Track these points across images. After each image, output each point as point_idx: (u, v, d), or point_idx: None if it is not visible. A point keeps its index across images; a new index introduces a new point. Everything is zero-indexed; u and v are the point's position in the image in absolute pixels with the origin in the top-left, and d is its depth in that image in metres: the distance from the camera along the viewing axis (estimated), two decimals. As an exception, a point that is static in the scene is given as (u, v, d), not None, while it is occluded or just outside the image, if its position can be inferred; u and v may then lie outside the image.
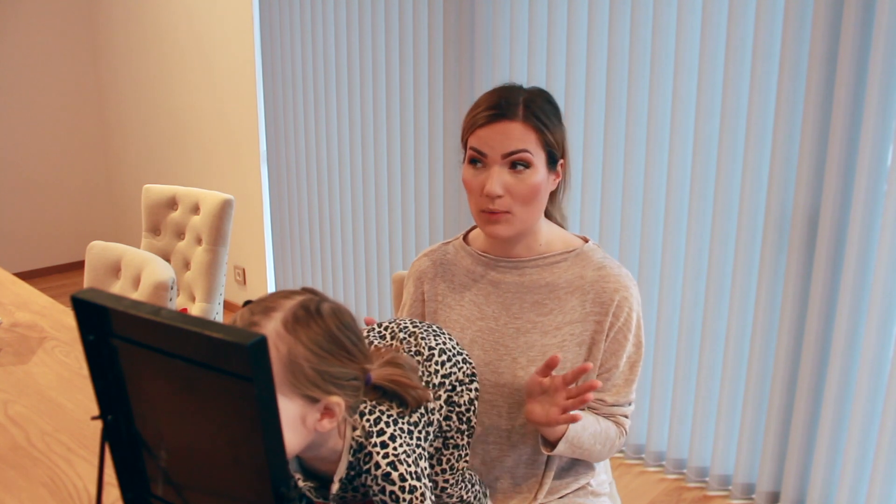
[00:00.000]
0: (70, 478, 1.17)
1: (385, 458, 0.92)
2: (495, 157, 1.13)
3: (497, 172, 1.13)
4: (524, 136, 1.12)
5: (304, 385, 0.84)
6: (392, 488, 0.92)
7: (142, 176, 4.47)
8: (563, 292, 1.21)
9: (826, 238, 2.00)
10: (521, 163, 1.13)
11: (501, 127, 1.12)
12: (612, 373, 1.21)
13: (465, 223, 2.80)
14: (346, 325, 0.89)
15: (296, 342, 0.84)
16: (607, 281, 1.19)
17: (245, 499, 0.74)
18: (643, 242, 2.37)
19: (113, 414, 0.79)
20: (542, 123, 1.14)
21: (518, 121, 1.12)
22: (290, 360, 0.84)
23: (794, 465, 2.17)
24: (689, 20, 2.14)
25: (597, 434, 1.20)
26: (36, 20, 4.31)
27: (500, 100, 1.14)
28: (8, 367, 1.56)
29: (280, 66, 3.42)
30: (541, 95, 1.16)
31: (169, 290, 1.82)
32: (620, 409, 1.24)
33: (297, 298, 0.88)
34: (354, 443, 0.93)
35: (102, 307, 0.72)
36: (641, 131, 2.30)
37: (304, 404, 0.85)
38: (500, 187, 1.12)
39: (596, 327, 1.19)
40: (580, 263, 1.22)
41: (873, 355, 1.96)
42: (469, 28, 2.64)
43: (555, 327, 1.20)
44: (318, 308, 0.88)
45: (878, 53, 1.82)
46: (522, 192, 1.13)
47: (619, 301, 1.19)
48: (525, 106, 1.13)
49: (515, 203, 1.14)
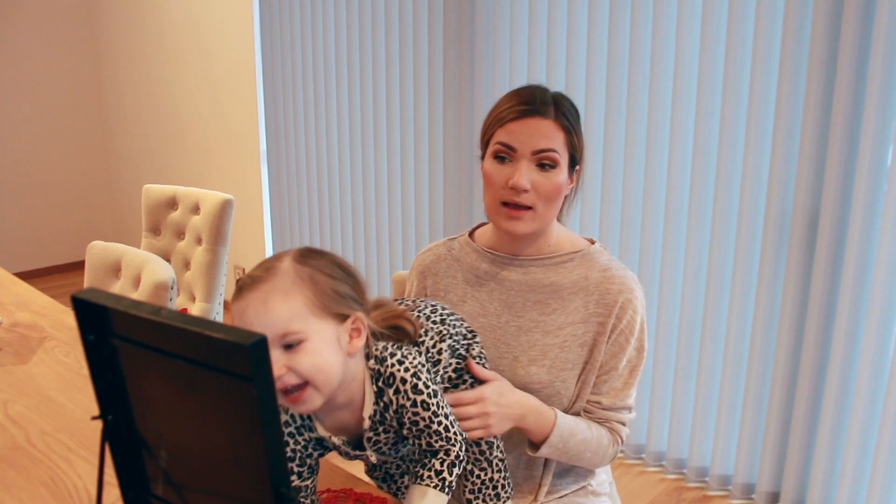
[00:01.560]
0: (70, 478, 1.17)
1: (407, 371, 0.97)
2: (525, 153, 1.13)
3: (525, 167, 1.13)
4: (554, 135, 1.13)
5: (331, 304, 0.92)
6: (421, 397, 0.97)
7: (142, 176, 4.47)
8: (567, 293, 1.20)
9: (826, 238, 2.00)
10: (548, 162, 1.13)
11: (534, 123, 1.12)
12: (611, 375, 1.20)
13: (466, 223, 2.80)
14: (342, 259, 0.98)
15: (313, 270, 0.92)
16: (612, 282, 1.19)
17: (245, 499, 0.74)
18: (643, 242, 2.37)
19: (113, 414, 0.80)
20: (570, 124, 1.15)
21: (550, 118, 1.13)
22: (313, 284, 0.91)
23: (794, 465, 2.17)
24: (689, 20, 2.14)
25: (587, 441, 1.18)
26: (36, 20, 4.31)
27: (533, 96, 1.14)
28: (8, 367, 1.56)
29: (280, 66, 3.42)
30: (566, 98, 1.17)
31: (169, 290, 1.82)
32: (617, 414, 1.22)
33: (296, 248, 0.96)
34: (372, 372, 0.98)
35: (102, 307, 0.73)
36: (641, 131, 2.30)
37: (335, 324, 0.92)
38: (528, 181, 1.12)
39: (598, 328, 1.19)
40: (585, 264, 1.21)
41: (873, 355, 1.96)
42: (469, 28, 2.64)
43: (557, 327, 1.20)
44: (318, 249, 0.97)
45: (878, 53, 1.82)
46: (547, 189, 1.13)
47: (623, 303, 1.18)
48: (555, 105, 1.14)
49: (539, 200, 1.14)
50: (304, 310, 0.89)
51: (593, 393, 1.21)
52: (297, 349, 0.89)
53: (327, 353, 0.90)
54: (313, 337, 0.89)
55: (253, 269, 0.93)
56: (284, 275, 0.90)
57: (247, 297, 0.90)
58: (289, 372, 0.88)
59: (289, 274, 0.90)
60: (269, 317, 0.88)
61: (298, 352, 0.89)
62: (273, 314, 0.88)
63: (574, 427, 1.17)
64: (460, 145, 2.77)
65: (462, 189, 2.80)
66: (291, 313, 0.88)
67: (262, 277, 0.90)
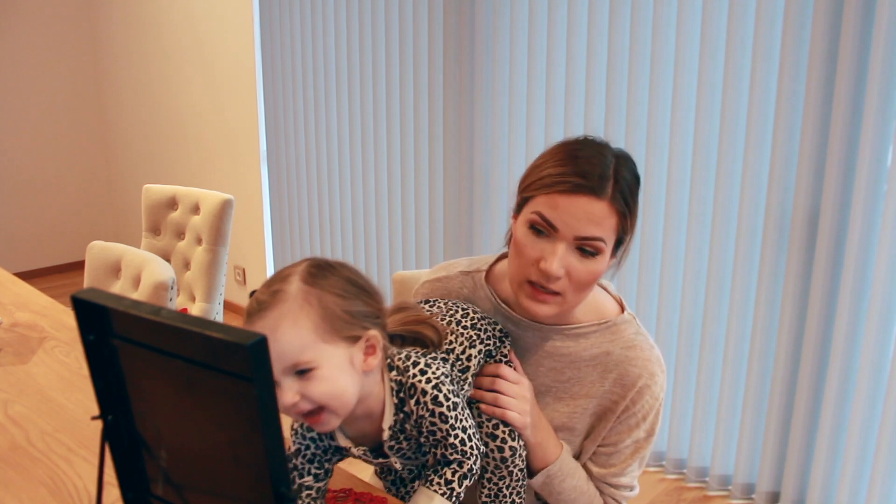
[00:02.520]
0: (70, 478, 1.17)
1: (428, 382, 0.95)
2: (566, 235, 0.98)
3: (563, 251, 0.99)
4: (605, 222, 0.98)
5: (342, 327, 0.89)
6: (441, 410, 0.95)
7: (142, 176, 4.47)
8: (585, 365, 1.12)
9: (826, 238, 2.00)
10: (591, 250, 0.99)
11: (585, 203, 0.97)
12: (609, 449, 1.13)
13: (465, 223, 2.80)
14: (354, 270, 0.95)
15: (322, 292, 0.89)
16: (633, 364, 1.09)
17: (245, 499, 0.74)
18: (643, 242, 2.36)
19: (113, 414, 0.79)
20: (627, 206, 1.00)
21: (605, 200, 0.97)
22: (322, 308, 0.88)
23: (794, 465, 2.17)
24: (689, 20, 2.14)
25: (580, 490, 1.13)
26: (36, 20, 4.31)
27: (590, 167, 0.98)
28: (8, 367, 1.56)
29: (280, 66, 3.42)
30: (628, 166, 1.03)
31: (169, 290, 1.82)
32: (611, 489, 1.15)
33: (304, 263, 0.93)
34: (394, 384, 0.97)
35: (102, 307, 0.72)
36: (641, 131, 2.30)
37: (347, 346, 0.90)
38: (561, 269, 0.99)
39: (610, 405, 1.11)
40: (609, 338, 1.11)
41: (873, 355, 1.96)
42: (469, 28, 2.64)
43: (570, 396, 1.13)
44: (327, 263, 0.94)
45: (878, 53, 1.82)
46: (582, 278, 1.00)
47: (641, 388, 1.09)
48: (615, 180, 0.98)
49: (570, 287, 1.01)
50: (313, 337, 0.88)
51: (589, 460, 1.16)
52: (309, 376, 0.87)
53: (340, 379, 0.89)
54: (325, 364, 0.88)
55: (261, 291, 0.91)
56: (293, 301, 0.88)
57: (256, 325, 0.88)
58: (303, 399, 0.88)
59: (297, 299, 0.88)
60: (280, 347, 0.86)
61: (311, 379, 0.88)
62: (283, 345, 0.86)
63: (575, 470, 1.13)
64: (460, 145, 2.77)
65: (462, 188, 2.80)
66: (302, 343, 0.87)
67: (270, 304, 0.88)
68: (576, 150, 1.01)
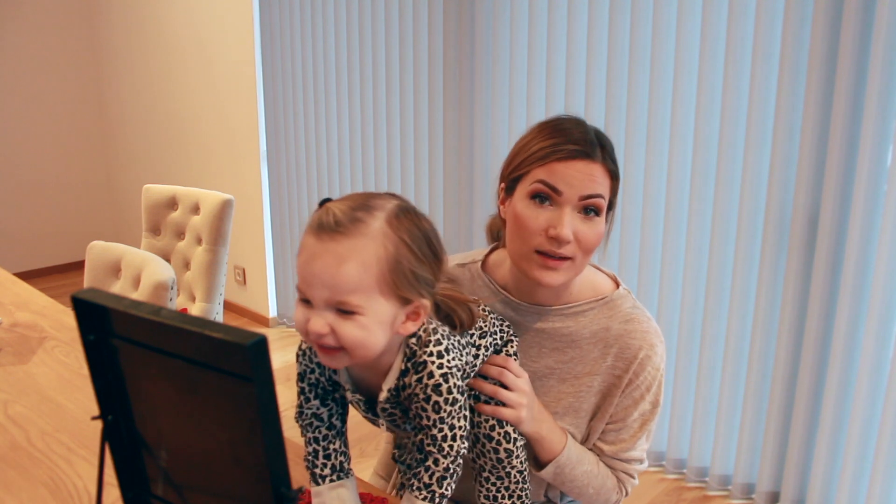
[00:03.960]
0: (70, 478, 1.17)
1: (440, 368, 0.92)
2: (571, 197, 1.02)
3: (570, 215, 1.02)
4: (603, 181, 1.03)
5: (402, 286, 0.86)
6: (438, 399, 0.92)
7: (142, 176, 4.47)
8: (586, 342, 1.14)
9: (826, 238, 2.00)
10: (594, 209, 1.03)
11: (584, 166, 1.01)
12: (618, 426, 1.16)
13: (465, 223, 2.80)
14: (435, 229, 0.92)
15: (401, 242, 0.86)
16: (633, 337, 1.12)
17: (245, 499, 0.74)
18: (643, 242, 2.37)
19: (113, 414, 0.80)
20: (616, 169, 1.06)
21: (599, 162, 1.03)
22: (395, 260, 0.85)
23: (794, 465, 2.17)
24: (689, 20, 2.14)
25: (592, 475, 1.15)
26: (36, 20, 4.31)
27: (580, 135, 1.03)
28: (8, 367, 1.56)
29: (280, 66, 3.42)
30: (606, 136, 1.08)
31: (169, 290, 1.82)
32: (622, 464, 1.17)
33: (393, 200, 0.90)
34: (409, 350, 0.94)
35: (102, 307, 0.73)
36: (641, 131, 2.30)
37: (397, 305, 0.87)
38: (571, 231, 1.02)
39: (614, 380, 1.13)
40: (607, 313, 1.14)
41: (873, 355, 1.96)
42: (469, 28, 2.64)
43: (573, 376, 1.14)
44: (415, 210, 0.91)
45: (878, 53, 1.82)
46: (590, 239, 1.03)
47: (643, 359, 1.12)
48: (601, 145, 1.04)
49: (579, 251, 1.04)
50: (373, 286, 0.84)
51: (599, 439, 1.17)
52: (348, 317, 0.85)
53: (375, 331, 0.86)
54: (369, 313, 0.85)
55: (341, 208, 0.85)
56: (371, 238, 0.84)
57: (325, 244, 0.83)
58: (331, 334, 0.85)
59: (376, 239, 0.84)
60: (338, 279, 0.83)
61: (349, 320, 0.85)
62: (342, 279, 0.83)
63: (583, 456, 1.14)
64: (460, 144, 2.77)
65: (462, 188, 2.80)
66: (361, 285, 0.84)
67: (349, 231, 0.83)
68: (559, 124, 1.06)
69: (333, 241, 0.83)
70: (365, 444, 2.60)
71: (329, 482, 1.01)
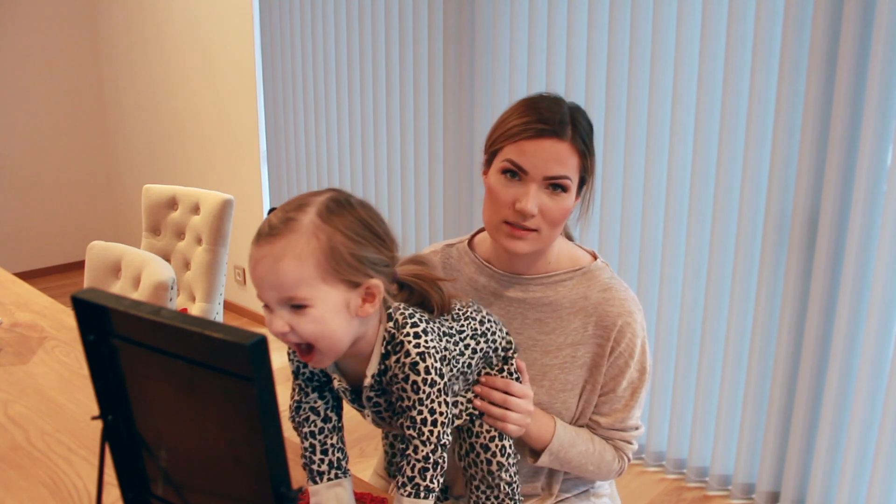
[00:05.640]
0: (70, 478, 1.17)
1: (416, 347, 0.94)
2: (536, 176, 1.08)
3: (535, 191, 1.08)
4: (569, 160, 1.08)
5: (344, 270, 0.89)
6: (416, 378, 0.93)
7: (142, 176, 4.47)
8: (566, 312, 1.18)
9: (826, 238, 2.00)
10: (560, 186, 1.09)
11: (550, 145, 1.07)
12: (610, 397, 1.19)
13: (465, 222, 2.80)
14: (373, 214, 0.94)
15: (333, 230, 0.89)
16: (611, 305, 1.16)
17: (245, 499, 0.74)
18: (643, 242, 2.37)
19: (113, 414, 0.80)
20: (586, 147, 1.10)
21: (566, 141, 1.07)
22: (329, 248, 0.88)
23: (794, 465, 2.17)
24: (689, 20, 2.14)
25: (588, 453, 1.18)
26: (36, 20, 4.31)
27: (550, 114, 1.08)
28: (8, 367, 1.56)
29: (280, 66, 3.42)
30: (581, 113, 1.12)
31: (169, 290, 1.82)
32: (619, 433, 1.21)
33: (326, 194, 0.93)
34: (387, 334, 0.96)
35: (102, 307, 0.73)
36: (641, 131, 2.30)
37: (346, 290, 0.90)
38: (536, 207, 1.08)
39: (597, 350, 1.17)
40: (585, 283, 1.18)
41: (873, 355, 1.96)
42: (469, 28, 2.64)
43: (556, 347, 1.18)
44: (348, 200, 0.93)
45: (878, 53, 1.82)
46: (555, 214, 1.09)
47: (622, 326, 1.15)
48: (573, 124, 1.09)
49: (544, 223, 1.10)
50: (314, 276, 0.87)
51: (594, 413, 1.20)
52: (301, 312, 0.88)
53: (332, 321, 0.89)
54: (319, 305, 0.88)
55: (276, 214, 0.90)
56: (302, 235, 0.87)
57: (262, 248, 0.88)
58: (292, 331, 0.88)
59: (307, 233, 0.87)
60: (279, 277, 0.86)
61: (303, 315, 0.88)
62: (282, 276, 0.86)
63: (574, 438, 1.16)
64: (460, 145, 2.77)
65: (462, 188, 2.80)
66: (301, 278, 0.87)
67: (281, 231, 0.87)
68: (535, 102, 1.11)
69: (269, 244, 0.88)
70: (365, 445, 2.60)
71: (327, 480, 1.01)
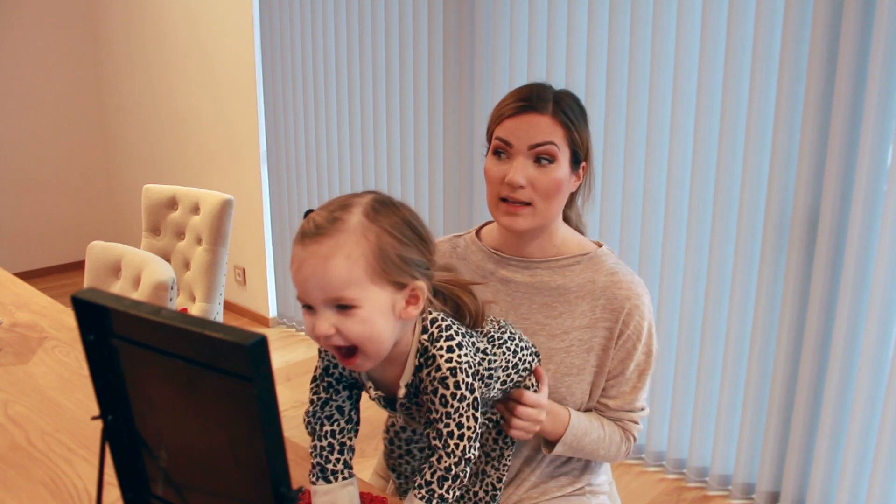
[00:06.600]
0: (70, 478, 1.17)
1: (448, 362, 0.93)
2: (521, 148, 1.12)
3: (521, 163, 1.12)
4: (551, 130, 1.12)
5: (392, 271, 0.89)
6: (444, 392, 0.92)
7: (142, 176, 4.47)
8: (574, 296, 1.19)
9: (826, 238, 2.00)
10: (545, 157, 1.12)
11: (530, 118, 1.12)
12: (618, 380, 1.21)
13: (466, 222, 2.80)
14: (415, 215, 0.95)
15: (381, 231, 0.88)
16: (619, 288, 1.17)
17: (245, 499, 0.74)
18: (643, 242, 2.37)
19: (113, 414, 0.80)
20: (570, 120, 1.13)
21: (547, 114, 1.12)
22: (378, 249, 0.88)
23: (794, 465, 2.17)
24: (689, 20, 2.14)
25: (600, 439, 1.20)
26: (36, 20, 4.31)
27: (530, 93, 1.13)
28: (8, 367, 1.56)
29: (280, 66, 3.42)
30: (569, 95, 1.16)
31: (169, 290, 1.82)
32: (627, 414, 1.23)
33: (369, 195, 0.93)
34: (420, 346, 0.95)
35: (102, 307, 0.73)
36: (641, 131, 2.30)
37: (392, 291, 0.89)
38: (523, 177, 1.11)
39: (605, 333, 1.18)
40: (592, 268, 1.20)
41: (873, 355, 1.96)
42: (469, 28, 2.64)
43: (563, 331, 1.19)
44: (391, 200, 0.93)
45: (878, 53, 1.82)
46: (545, 185, 1.12)
47: (630, 309, 1.17)
48: (555, 101, 1.13)
49: (537, 196, 1.12)
50: (363, 276, 0.87)
51: (602, 396, 1.22)
52: (349, 313, 0.87)
53: (379, 322, 0.88)
54: (367, 305, 0.87)
55: (320, 213, 0.89)
56: (351, 233, 0.87)
57: (309, 248, 0.87)
58: (337, 334, 0.87)
59: (356, 233, 0.87)
60: (327, 277, 0.86)
61: (350, 316, 0.87)
62: (331, 276, 0.85)
63: (588, 426, 1.19)
64: (460, 144, 2.77)
65: (462, 188, 2.80)
66: (350, 278, 0.86)
67: (328, 230, 0.87)
68: (522, 87, 1.17)
69: (316, 243, 0.87)
70: (365, 444, 2.60)
71: (342, 479, 1.01)
